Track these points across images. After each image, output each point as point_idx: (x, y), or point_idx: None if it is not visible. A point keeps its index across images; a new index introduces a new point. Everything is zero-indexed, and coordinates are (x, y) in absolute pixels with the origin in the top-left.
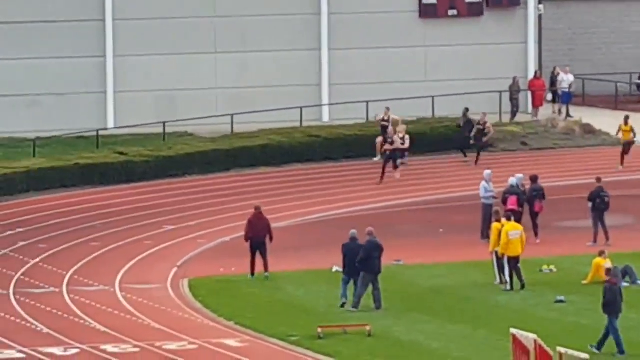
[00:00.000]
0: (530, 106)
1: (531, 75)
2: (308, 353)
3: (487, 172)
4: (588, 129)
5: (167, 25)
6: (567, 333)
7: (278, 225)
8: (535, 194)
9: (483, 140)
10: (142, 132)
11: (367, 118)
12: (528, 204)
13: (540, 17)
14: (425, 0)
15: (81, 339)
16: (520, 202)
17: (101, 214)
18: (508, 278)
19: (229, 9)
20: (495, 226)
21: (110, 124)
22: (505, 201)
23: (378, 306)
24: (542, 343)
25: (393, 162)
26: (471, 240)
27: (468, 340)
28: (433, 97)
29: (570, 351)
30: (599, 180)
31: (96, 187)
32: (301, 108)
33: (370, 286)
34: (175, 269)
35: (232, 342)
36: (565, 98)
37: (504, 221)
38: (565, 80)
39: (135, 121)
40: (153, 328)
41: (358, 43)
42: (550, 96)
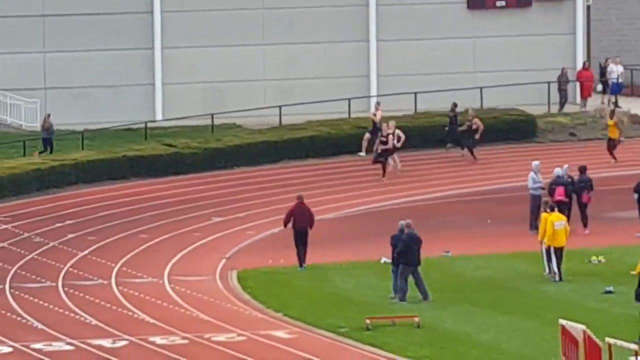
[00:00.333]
0: (578, 97)
1: (579, 66)
2: (356, 344)
3: (536, 163)
4: (636, 120)
5: (215, 17)
6: (616, 324)
7: (326, 216)
8: (583, 185)
9: (476, 137)
10: (190, 124)
11: (415, 109)
12: (576, 195)
13: (588, 8)
14: None
15: (130, 331)
16: (567, 193)
17: (150, 206)
18: (556, 269)
19: (277, 1)
20: (544, 216)
21: (158, 116)
22: (552, 192)
23: (425, 297)
24: (591, 334)
25: (385, 160)
26: (519, 231)
27: (517, 331)
28: (481, 88)
29: (619, 342)
30: None
31: (144, 179)
32: (349, 100)
33: (411, 278)
34: (223, 261)
35: (281, 334)
36: (614, 89)
37: (549, 212)
38: (614, 71)
39: (183, 113)
40: (201, 320)
41: (406, 34)
42: (600, 87)
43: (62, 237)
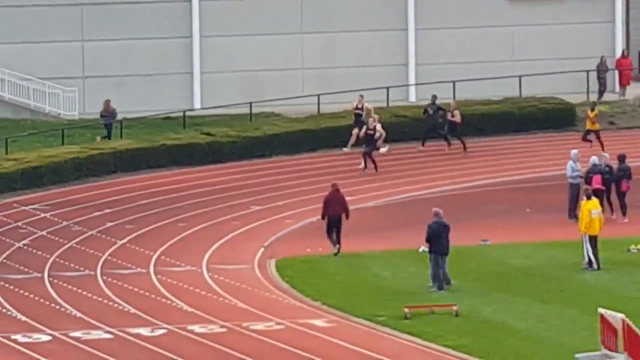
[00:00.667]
0: (617, 85)
1: (618, 54)
2: (395, 333)
3: (574, 152)
4: None
5: (254, 5)
6: None
7: (365, 205)
8: (622, 174)
9: (457, 129)
10: (229, 113)
11: (454, 98)
12: (615, 184)
13: None
14: None
15: (168, 320)
16: (605, 181)
17: (188, 195)
18: (593, 257)
19: None
20: (583, 204)
21: (196, 105)
22: (589, 180)
23: (447, 282)
24: (630, 322)
25: (369, 150)
26: (558, 219)
27: (555, 320)
28: (520, 77)
29: None
30: None
31: (183, 168)
32: (388, 88)
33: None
34: (262, 250)
35: (319, 322)
36: None
37: (587, 200)
38: None
39: (221, 102)
40: (240, 308)
41: (445, 23)
42: None
43: (101, 226)
